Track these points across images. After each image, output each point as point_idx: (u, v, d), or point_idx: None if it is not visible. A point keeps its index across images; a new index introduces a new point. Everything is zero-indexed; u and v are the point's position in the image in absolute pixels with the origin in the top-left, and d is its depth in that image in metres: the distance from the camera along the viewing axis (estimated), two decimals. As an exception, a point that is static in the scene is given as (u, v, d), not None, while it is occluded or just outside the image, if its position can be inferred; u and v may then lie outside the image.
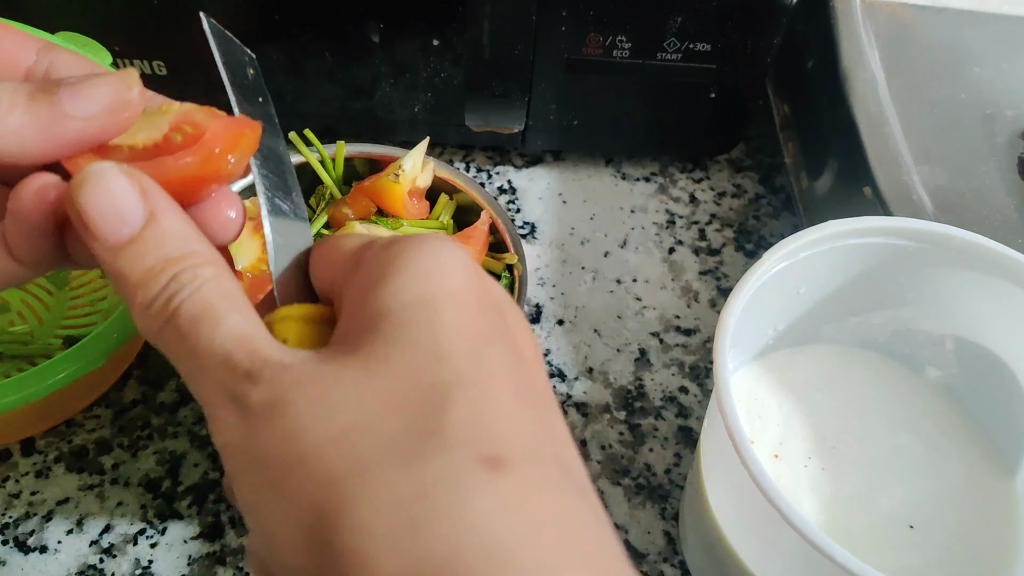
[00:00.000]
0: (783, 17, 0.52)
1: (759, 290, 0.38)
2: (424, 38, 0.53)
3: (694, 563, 0.44)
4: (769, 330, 0.44)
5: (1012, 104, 0.54)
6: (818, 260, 0.41)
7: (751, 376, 0.44)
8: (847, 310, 0.44)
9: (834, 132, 0.53)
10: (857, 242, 0.40)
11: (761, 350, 0.45)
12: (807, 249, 0.40)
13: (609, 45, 0.54)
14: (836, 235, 0.40)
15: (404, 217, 0.44)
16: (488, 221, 0.44)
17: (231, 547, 0.45)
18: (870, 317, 0.44)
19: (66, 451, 0.48)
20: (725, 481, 0.38)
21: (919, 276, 0.42)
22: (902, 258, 0.41)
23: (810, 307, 0.44)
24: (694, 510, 0.42)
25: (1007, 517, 0.41)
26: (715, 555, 0.40)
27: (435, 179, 0.46)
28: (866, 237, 0.40)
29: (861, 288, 0.43)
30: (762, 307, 0.40)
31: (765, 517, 0.32)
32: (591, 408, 0.51)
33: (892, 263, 0.42)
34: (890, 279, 0.42)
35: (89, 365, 0.41)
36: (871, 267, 0.42)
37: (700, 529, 0.42)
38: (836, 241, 0.40)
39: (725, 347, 0.35)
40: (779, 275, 0.40)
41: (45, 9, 0.52)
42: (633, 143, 0.62)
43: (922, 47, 0.57)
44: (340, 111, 0.58)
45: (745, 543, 0.38)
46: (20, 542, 0.45)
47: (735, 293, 0.37)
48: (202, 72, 0.57)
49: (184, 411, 0.50)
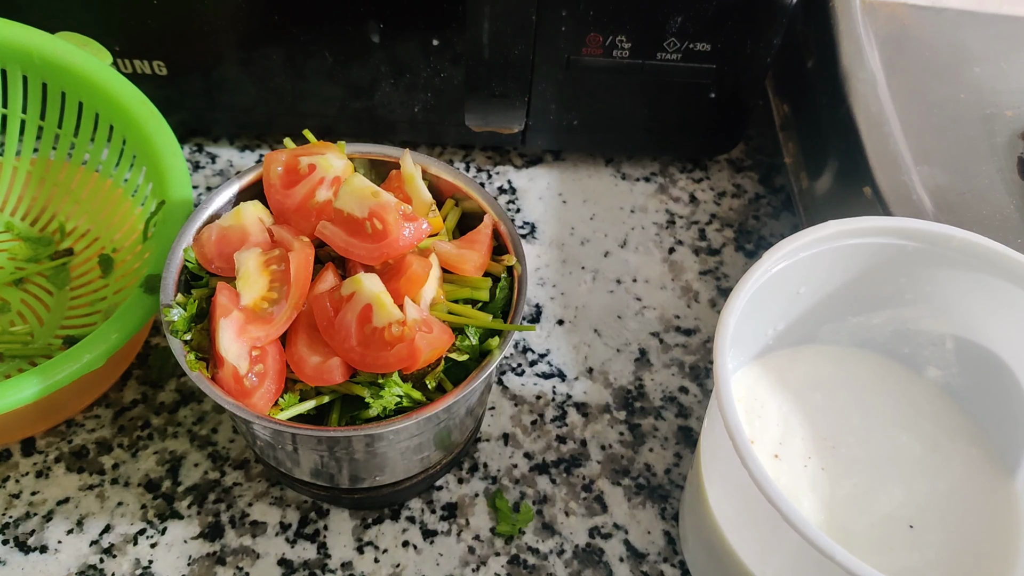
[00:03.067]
0: (783, 17, 0.52)
1: (759, 290, 0.38)
2: (424, 38, 0.54)
3: (694, 563, 0.44)
4: (769, 330, 0.44)
5: (1012, 104, 0.54)
6: (817, 260, 0.41)
7: (751, 376, 0.44)
8: (847, 310, 0.44)
9: (834, 132, 0.53)
10: (856, 242, 0.40)
11: (761, 350, 0.45)
12: (806, 249, 0.40)
13: (609, 45, 0.54)
14: (835, 235, 0.40)
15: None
16: (491, 225, 0.44)
17: (231, 547, 0.45)
18: (870, 317, 0.44)
19: (66, 451, 0.48)
20: (725, 481, 0.38)
21: (919, 276, 0.42)
22: (902, 258, 0.41)
23: (810, 307, 0.44)
24: (694, 510, 0.42)
25: (1007, 517, 0.41)
26: (715, 555, 0.40)
27: (436, 180, 0.46)
28: (865, 237, 0.40)
29: (861, 288, 0.43)
30: (762, 307, 0.40)
31: (765, 517, 0.32)
32: (591, 408, 0.51)
33: (892, 263, 0.42)
34: (890, 279, 0.42)
35: (89, 365, 0.41)
36: (871, 267, 0.42)
37: (700, 529, 0.42)
38: (835, 241, 0.40)
39: (725, 347, 0.35)
40: (779, 275, 0.40)
41: (45, 9, 0.52)
42: (633, 143, 0.62)
43: (922, 47, 0.57)
44: (340, 111, 0.58)
45: (745, 543, 0.38)
46: (20, 542, 0.45)
47: (735, 293, 0.37)
48: (201, 72, 0.57)
49: (184, 411, 0.50)
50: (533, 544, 0.46)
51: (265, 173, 0.44)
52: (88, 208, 0.56)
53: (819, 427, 0.42)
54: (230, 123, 0.62)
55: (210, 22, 0.53)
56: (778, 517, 0.31)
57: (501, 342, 0.40)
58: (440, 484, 0.48)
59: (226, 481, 0.47)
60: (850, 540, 0.39)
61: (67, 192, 0.56)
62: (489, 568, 0.45)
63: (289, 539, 0.46)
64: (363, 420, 0.39)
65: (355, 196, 0.41)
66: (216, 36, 0.54)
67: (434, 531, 0.46)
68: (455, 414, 0.42)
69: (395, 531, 0.46)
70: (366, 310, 0.39)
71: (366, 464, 0.42)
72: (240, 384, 0.38)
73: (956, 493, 0.41)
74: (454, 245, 0.43)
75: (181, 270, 0.42)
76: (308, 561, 0.45)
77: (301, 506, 0.47)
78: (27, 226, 0.56)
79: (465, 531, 0.46)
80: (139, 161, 0.50)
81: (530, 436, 0.50)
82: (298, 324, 0.40)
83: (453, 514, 0.47)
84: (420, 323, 0.38)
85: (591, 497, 0.48)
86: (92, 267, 0.54)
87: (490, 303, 0.42)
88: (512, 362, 0.53)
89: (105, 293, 0.53)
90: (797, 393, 0.44)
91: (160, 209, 0.47)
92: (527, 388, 0.52)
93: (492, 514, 0.47)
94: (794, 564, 0.35)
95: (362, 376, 0.39)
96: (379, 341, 0.38)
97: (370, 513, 0.47)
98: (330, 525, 0.46)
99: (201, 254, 0.42)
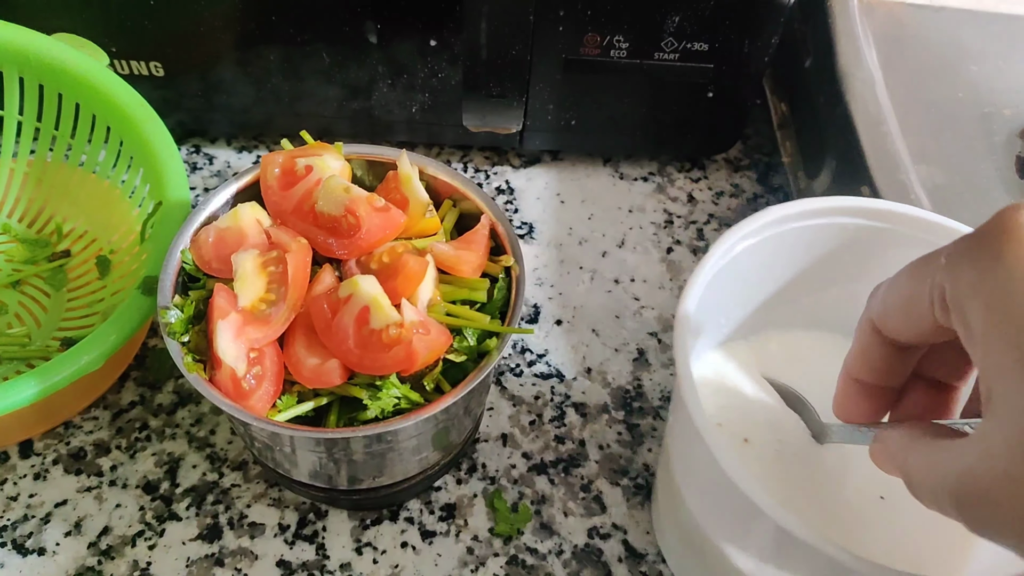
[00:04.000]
0: (780, 16, 0.52)
1: (715, 277, 0.39)
2: (421, 38, 0.53)
3: (670, 554, 0.45)
4: (723, 319, 0.45)
5: (1010, 103, 0.54)
6: (768, 245, 0.41)
7: (717, 362, 0.45)
8: (800, 291, 0.45)
9: (832, 131, 0.53)
10: (804, 224, 0.41)
11: (723, 338, 0.46)
12: (756, 235, 0.40)
13: (606, 45, 0.54)
14: (782, 219, 0.40)
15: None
16: (488, 225, 0.44)
17: (229, 548, 0.45)
18: (822, 296, 0.45)
19: (64, 453, 0.48)
20: (692, 466, 0.39)
21: (865, 252, 0.43)
22: (847, 236, 0.42)
23: (765, 291, 0.45)
24: (667, 498, 0.43)
25: None
26: (689, 540, 0.41)
27: (433, 181, 0.46)
28: (811, 219, 0.41)
29: (812, 269, 0.44)
30: (720, 295, 0.41)
31: (733, 501, 0.33)
32: (589, 408, 0.51)
33: (838, 241, 0.42)
34: (837, 257, 0.43)
35: (87, 367, 0.41)
36: (819, 247, 0.43)
37: (674, 517, 0.42)
38: (783, 225, 0.41)
39: (685, 336, 0.36)
40: (732, 262, 0.40)
41: (42, 10, 0.52)
42: (631, 143, 0.62)
43: (920, 46, 0.57)
44: (337, 111, 0.58)
45: (718, 527, 0.39)
46: (18, 544, 0.45)
47: (694, 277, 0.38)
48: (198, 73, 0.57)
49: (182, 412, 0.50)
50: (532, 544, 0.46)
51: (262, 174, 0.44)
52: (85, 209, 0.56)
53: (784, 410, 0.43)
54: (227, 124, 0.62)
55: (207, 23, 0.53)
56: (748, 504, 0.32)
57: (499, 343, 0.40)
58: (439, 485, 0.48)
59: (224, 482, 0.47)
60: (824, 518, 0.40)
61: (64, 194, 0.56)
62: (488, 568, 0.45)
63: (288, 540, 0.46)
64: (361, 421, 0.39)
65: (331, 196, 0.41)
66: (213, 37, 0.54)
67: (433, 532, 0.46)
68: (453, 415, 0.42)
69: (394, 532, 0.46)
70: (364, 312, 0.39)
71: (364, 465, 0.42)
72: (238, 386, 0.38)
73: None
74: (452, 246, 0.43)
75: (179, 271, 0.42)
76: (307, 562, 0.45)
77: (299, 507, 0.47)
78: (24, 228, 0.56)
79: (464, 532, 0.46)
80: (136, 162, 0.50)
81: (528, 436, 0.50)
82: (296, 326, 0.40)
83: (452, 515, 0.47)
84: (418, 325, 0.38)
85: (590, 497, 0.48)
86: (89, 269, 0.54)
87: (488, 304, 0.42)
88: (510, 362, 0.53)
89: (103, 295, 0.53)
90: (761, 378, 0.45)
91: (157, 210, 0.47)
92: (525, 388, 0.52)
93: (491, 514, 0.47)
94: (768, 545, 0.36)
95: (360, 378, 0.39)
96: (377, 343, 0.38)
97: (369, 514, 0.47)
98: (329, 526, 0.46)
99: (198, 255, 0.42)
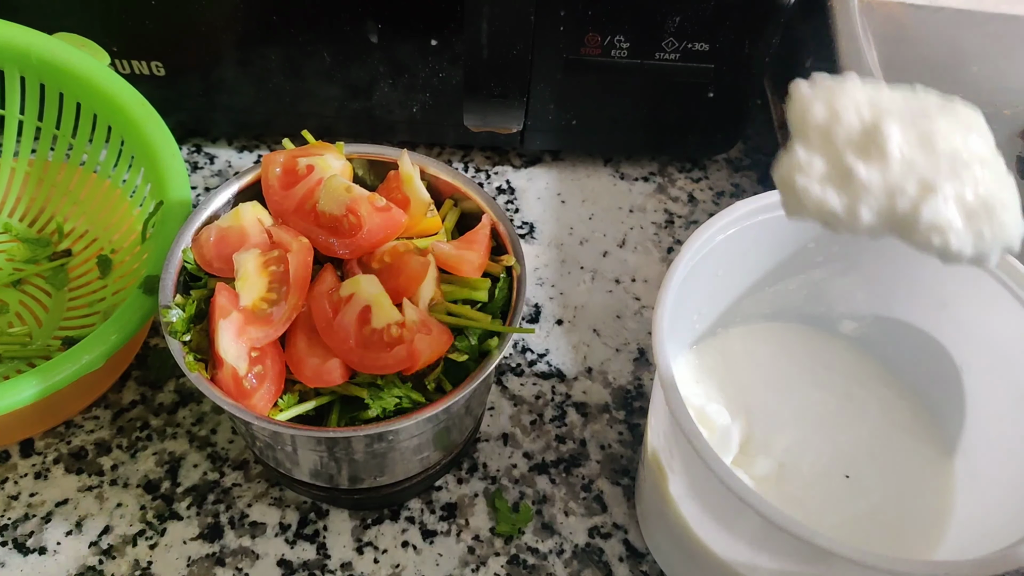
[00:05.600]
0: (781, 17, 0.52)
1: (685, 279, 0.39)
2: (422, 38, 0.53)
3: (656, 546, 0.45)
4: (695, 316, 0.45)
5: (1010, 103, 0.54)
6: (732, 242, 0.42)
7: (690, 362, 0.46)
8: (764, 283, 0.46)
9: (832, 131, 0.53)
10: (766, 217, 0.41)
11: (694, 338, 0.46)
12: (722, 232, 0.41)
13: (607, 45, 0.54)
14: (746, 214, 0.41)
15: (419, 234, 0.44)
16: (489, 225, 0.44)
17: (230, 548, 0.45)
18: (786, 284, 0.46)
19: (65, 452, 0.48)
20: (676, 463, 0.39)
21: (824, 238, 0.43)
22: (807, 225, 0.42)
23: (731, 287, 0.45)
24: (651, 492, 0.43)
25: (933, 446, 0.44)
26: (673, 532, 0.41)
27: (434, 181, 0.46)
28: (773, 212, 0.41)
29: (774, 260, 0.45)
30: (689, 296, 0.41)
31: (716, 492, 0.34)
32: (590, 408, 0.51)
33: (799, 231, 0.43)
34: (798, 245, 0.44)
35: (88, 366, 0.41)
36: (781, 238, 0.43)
37: (658, 510, 0.42)
38: (747, 220, 0.41)
39: (663, 336, 0.36)
40: (701, 262, 0.41)
41: (43, 10, 0.52)
42: (632, 143, 0.62)
43: (920, 46, 0.57)
44: (338, 111, 0.58)
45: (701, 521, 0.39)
46: (19, 543, 0.45)
47: (669, 275, 0.38)
48: (199, 73, 0.57)
49: (183, 412, 0.50)
50: (533, 544, 0.46)
51: (264, 174, 0.44)
52: (86, 209, 0.56)
53: (753, 402, 0.45)
54: (228, 124, 0.62)
55: (208, 22, 0.53)
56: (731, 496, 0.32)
57: (500, 343, 0.40)
58: (440, 484, 0.48)
59: (225, 482, 0.47)
60: (794, 499, 0.41)
61: (65, 193, 0.56)
62: (489, 568, 0.45)
63: (289, 540, 0.46)
64: (362, 421, 0.39)
65: (332, 195, 0.41)
66: (214, 36, 0.54)
67: (434, 531, 0.46)
68: (454, 414, 0.42)
69: (395, 531, 0.46)
70: (365, 311, 0.39)
71: (365, 465, 0.42)
72: (239, 385, 0.38)
73: (879, 434, 0.44)
74: (453, 246, 0.43)
75: (180, 271, 0.42)
76: (308, 562, 0.45)
77: (300, 507, 0.47)
78: (25, 227, 0.56)
79: (465, 531, 0.46)
80: (137, 162, 0.50)
81: (529, 436, 0.50)
82: (297, 325, 0.40)
83: (453, 514, 0.47)
84: (419, 324, 0.38)
85: (590, 497, 0.48)
86: (91, 268, 0.54)
87: (489, 303, 0.42)
88: (511, 362, 0.53)
89: (104, 294, 0.53)
90: (729, 373, 0.46)
91: (158, 210, 0.47)
92: (526, 388, 0.52)
93: (492, 514, 0.47)
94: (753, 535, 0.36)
95: (361, 377, 0.39)
96: (378, 342, 0.38)
97: (370, 513, 0.47)
98: (330, 526, 0.46)
99: (200, 255, 0.42)
